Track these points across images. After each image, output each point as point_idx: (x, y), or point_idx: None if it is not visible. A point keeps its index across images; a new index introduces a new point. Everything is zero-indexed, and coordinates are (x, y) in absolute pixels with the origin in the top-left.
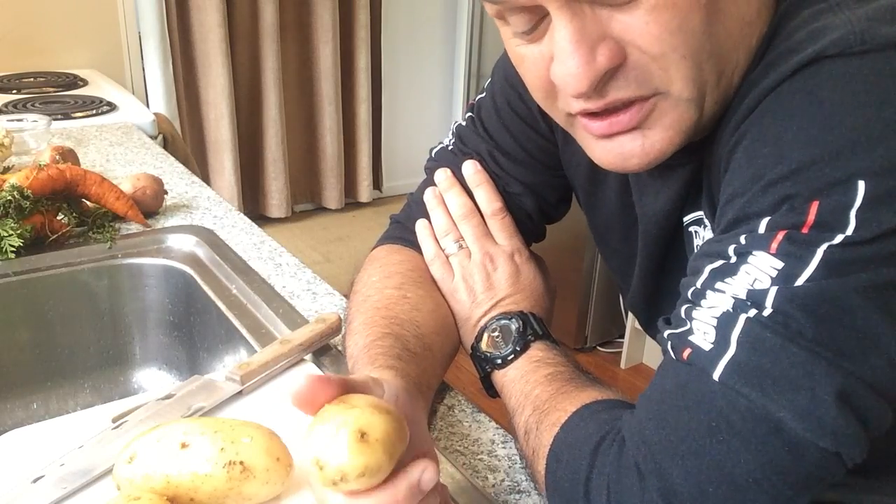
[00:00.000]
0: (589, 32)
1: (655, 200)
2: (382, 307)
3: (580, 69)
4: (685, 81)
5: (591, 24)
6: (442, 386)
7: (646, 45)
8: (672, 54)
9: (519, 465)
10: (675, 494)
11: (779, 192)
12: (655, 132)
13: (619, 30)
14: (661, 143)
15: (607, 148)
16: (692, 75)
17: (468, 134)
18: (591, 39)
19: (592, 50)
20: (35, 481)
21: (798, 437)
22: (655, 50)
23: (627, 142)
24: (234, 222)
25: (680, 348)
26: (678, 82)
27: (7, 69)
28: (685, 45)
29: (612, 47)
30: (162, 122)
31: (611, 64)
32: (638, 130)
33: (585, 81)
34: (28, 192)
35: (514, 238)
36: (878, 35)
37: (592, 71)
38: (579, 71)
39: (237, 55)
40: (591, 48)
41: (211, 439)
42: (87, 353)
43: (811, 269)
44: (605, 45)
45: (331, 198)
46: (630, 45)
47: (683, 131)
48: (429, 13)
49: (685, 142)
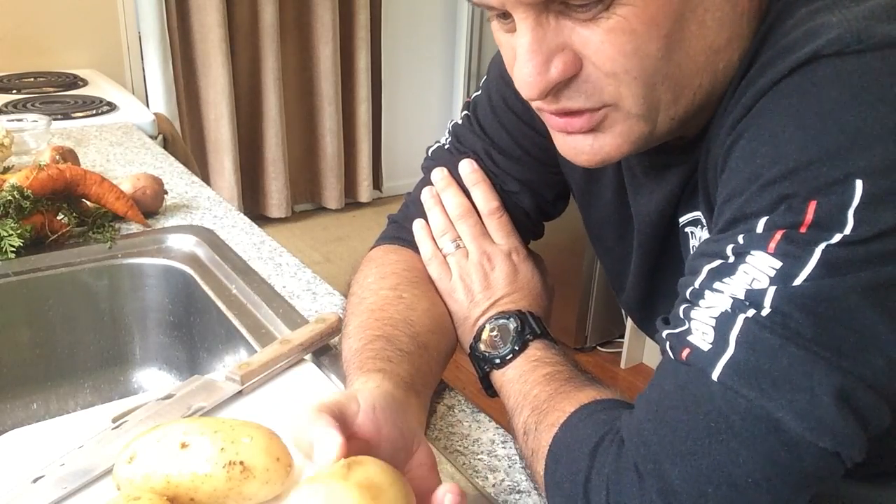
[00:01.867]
0: (548, 42)
1: (650, 200)
2: (377, 308)
3: (532, 78)
4: (635, 99)
5: (552, 34)
6: (442, 386)
7: (599, 63)
8: (624, 75)
9: (519, 465)
10: (674, 494)
11: (776, 191)
12: (606, 137)
13: (579, 43)
14: (609, 147)
15: (565, 141)
16: (643, 94)
17: (464, 132)
18: (548, 50)
19: (547, 61)
20: (35, 481)
21: (797, 436)
22: (608, 69)
23: (580, 140)
24: (234, 222)
25: (679, 348)
26: (628, 99)
27: (7, 69)
28: (638, 67)
29: (568, 59)
30: (162, 122)
31: (563, 76)
32: (590, 133)
33: (536, 90)
34: (28, 192)
35: (512, 237)
36: (874, 34)
37: (544, 82)
38: (531, 80)
39: (237, 55)
40: (546, 59)
41: (211, 439)
42: (87, 353)
43: (809, 268)
44: (561, 57)
45: (331, 198)
46: (587, 59)
47: (633, 141)
48: (429, 13)
49: (636, 150)
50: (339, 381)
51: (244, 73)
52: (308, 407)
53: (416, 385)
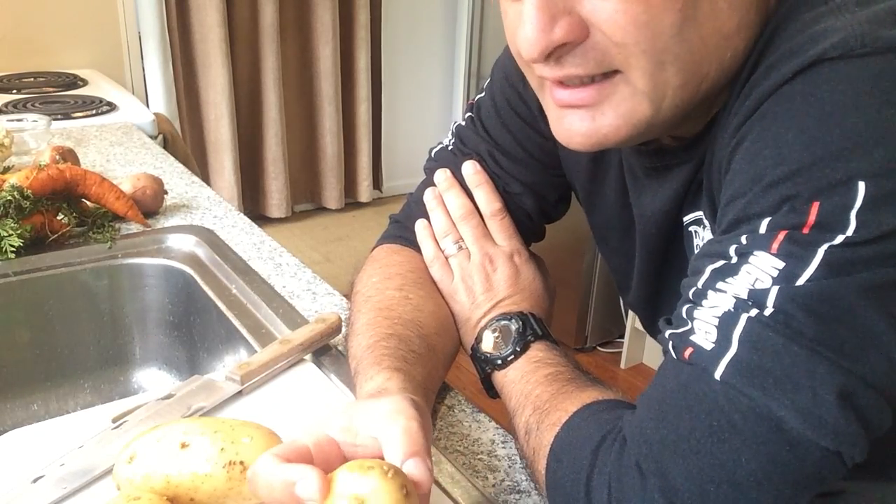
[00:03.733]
0: (555, 2)
1: (653, 200)
2: (385, 308)
3: (534, 35)
4: (643, 72)
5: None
6: (442, 386)
7: (610, 32)
8: (634, 47)
9: (519, 465)
10: (676, 493)
11: (779, 192)
12: (606, 117)
13: (588, 10)
14: (608, 129)
15: (562, 120)
16: (651, 70)
17: (468, 134)
18: (554, 9)
19: (552, 21)
20: (35, 481)
21: (799, 436)
22: (618, 38)
23: (577, 120)
24: (234, 222)
25: (681, 348)
26: (636, 71)
27: (7, 69)
28: (649, 41)
29: (574, 23)
30: (162, 122)
31: (567, 39)
32: (589, 110)
33: (537, 48)
34: (28, 192)
35: (514, 239)
36: (879, 38)
37: (546, 40)
38: (533, 37)
39: (237, 55)
40: (551, 18)
41: (211, 439)
42: (87, 353)
43: (812, 268)
44: (567, 20)
45: (331, 198)
46: (594, 27)
47: (633, 124)
48: (429, 13)
49: (633, 137)
50: (340, 381)
51: (244, 73)
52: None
53: (428, 388)
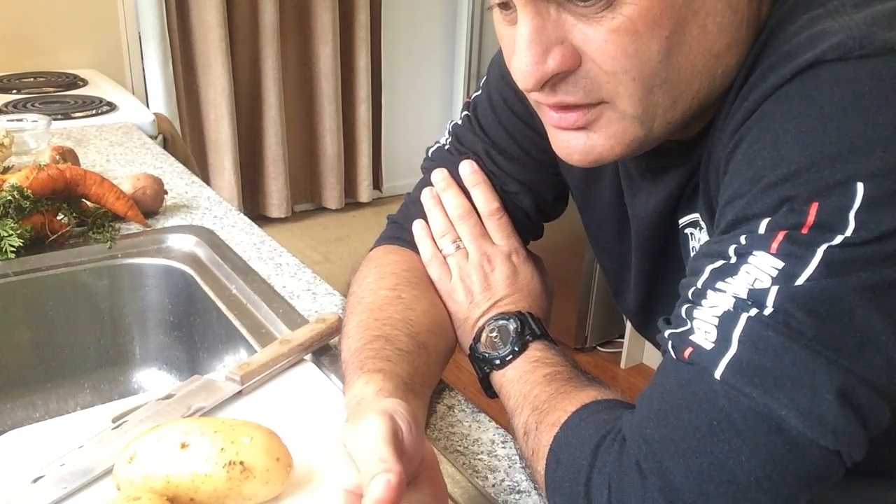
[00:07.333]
0: (547, 34)
1: (648, 202)
2: (376, 308)
3: (529, 67)
4: (632, 100)
5: (553, 26)
6: (442, 386)
7: (600, 61)
8: (623, 75)
9: (519, 465)
10: (676, 493)
11: (778, 193)
12: (598, 137)
13: (580, 39)
14: (602, 148)
15: (559, 137)
16: (640, 95)
17: (465, 133)
18: (547, 41)
19: (546, 52)
20: (35, 481)
21: (799, 435)
22: (608, 67)
23: (573, 138)
24: (234, 222)
25: (681, 348)
26: (625, 99)
27: (7, 69)
28: (638, 68)
29: (567, 53)
30: (162, 122)
31: (560, 69)
32: (583, 131)
33: (532, 80)
34: (28, 192)
35: (512, 238)
36: (876, 40)
37: (540, 72)
38: (528, 69)
39: (237, 55)
40: (545, 50)
41: (211, 439)
42: (87, 353)
43: (811, 268)
44: (559, 49)
45: (331, 198)
46: (586, 56)
47: (626, 143)
48: (429, 13)
49: (630, 152)
50: (339, 381)
51: (244, 73)
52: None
53: (415, 385)
